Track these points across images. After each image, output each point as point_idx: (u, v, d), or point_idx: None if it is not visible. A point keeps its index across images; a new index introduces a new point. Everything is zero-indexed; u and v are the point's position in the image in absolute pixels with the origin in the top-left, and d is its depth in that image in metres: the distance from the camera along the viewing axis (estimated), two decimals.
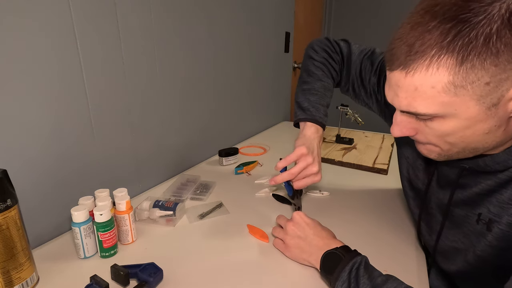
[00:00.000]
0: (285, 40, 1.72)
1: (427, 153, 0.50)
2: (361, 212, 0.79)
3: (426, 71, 0.39)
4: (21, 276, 0.50)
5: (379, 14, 2.58)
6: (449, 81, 0.38)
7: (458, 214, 0.54)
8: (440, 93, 0.39)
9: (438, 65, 0.38)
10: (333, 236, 0.60)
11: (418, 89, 0.40)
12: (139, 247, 0.65)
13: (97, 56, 0.70)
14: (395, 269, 0.51)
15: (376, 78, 0.72)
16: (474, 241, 0.51)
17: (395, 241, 0.67)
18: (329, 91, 0.77)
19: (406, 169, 0.68)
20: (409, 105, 0.42)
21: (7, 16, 0.54)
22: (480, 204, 0.49)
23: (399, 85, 0.42)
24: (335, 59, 0.79)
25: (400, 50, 0.41)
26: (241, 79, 1.33)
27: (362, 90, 0.76)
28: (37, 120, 0.61)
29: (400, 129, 0.48)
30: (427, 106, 0.41)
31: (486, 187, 0.48)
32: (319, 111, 0.74)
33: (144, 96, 0.85)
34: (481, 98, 0.38)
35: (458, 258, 0.55)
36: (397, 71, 0.42)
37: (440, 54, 0.37)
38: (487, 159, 0.47)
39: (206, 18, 1.03)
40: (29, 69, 0.58)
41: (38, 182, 0.63)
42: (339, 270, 0.50)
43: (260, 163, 1.10)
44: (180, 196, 0.83)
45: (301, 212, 0.63)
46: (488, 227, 0.48)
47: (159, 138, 0.92)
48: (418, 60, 0.39)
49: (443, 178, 0.57)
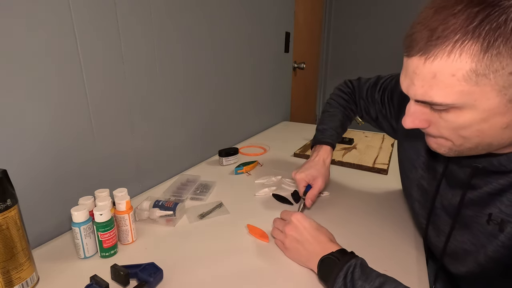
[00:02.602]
0: (285, 40, 1.72)
1: (436, 147, 0.48)
2: (361, 212, 0.79)
3: (447, 57, 0.37)
4: (21, 276, 0.50)
5: (379, 14, 2.58)
6: (471, 69, 0.36)
7: (467, 214, 0.52)
8: (460, 81, 0.37)
9: (461, 51, 0.36)
10: (331, 239, 0.58)
11: (436, 76, 0.38)
12: (139, 247, 0.65)
13: (97, 56, 0.70)
14: (395, 269, 0.51)
15: (380, 95, 0.79)
16: (485, 242, 0.49)
17: (395, 241, 0.67)
18: (334, 116, 0.88)
19: (410, 171, 0.66)
20: (425, 94, 0.40)
21: (7, 16, 0.54)
22: (491, 204, 0.48)
23: (416, 72, 0.40)
24: (345, 91, 0.91)
25: (421, 35, 0.39)
26: (241, 79, 1.33)
27: (371, 109, 0.83)
28: (37, 120, 0.61)
29: (412, 120, 0.45)
30: (445, 96, 0.39)
31: (498, 187, 0.46)
32: (323, 133, 0.87)
33: (144, 96, 0.85)
34: (503, 89, 0.36)
35: (468, 260, 0.53)
36: (415, 57, 0.40)
37: (464, 40, 0.35)
38: (502, 159, 0.45)
39: (206, 18, 1.03)
40: (29, 69, 0.58)
41: (38, 182, 0.63)
42: (334, 276, 0.49)
43: (260, 163, 1.10)
44: (180, 196, 0.83)
45: (299, 215, 0.62)
46: (500, 228, 0.46)
47: (159, 138, 0.92)
48: (440, 46, 0.37)
49: (452, 178, 0.55)
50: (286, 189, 0.91)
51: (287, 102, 1.92)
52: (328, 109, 0.91)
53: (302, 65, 2.06)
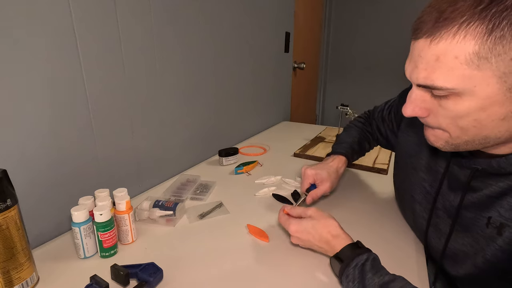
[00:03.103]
0: (285, 40, 1.72)
1: (434, 139, 0.48)
2: (361, 212, 0.79)
3: (452, 39, 0.37)
4: (21, 276, 0.50)
5: (379, 14, 2.58)
6: (474, 51, 0.36)
7: (467, 217, 0.52)
8: (462, 64, 0.37)
9: (466, 32, 0.36)
10: (336, 234, 0.58)
11: (440, 59, 0.39)
12: (139, 247, 0.65)
13: (97, 56, 0.70)
14: (395, 269, 0.51)
15: (387, 113, 0.84)
16: (483, 245, 0.49)
17: (395, 241, 0.67)
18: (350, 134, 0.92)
19: (412, 174, 0.65)
20: (427, 77, 0.41)
21: (7, 16, 0.54)
22: (490, 207, 0.48)
23: (421, 55, 0.41)
24: (362, 116, 0.98)
25: (430, 17, 0.39)
26: (241, 79, 1.33)
27: (381, 127, 0.87)
28: (37, 120, 0.61)
29: (412, 108, 0.46)
30: (446, 79, 0.39)
31: (498, 190, 0.46)
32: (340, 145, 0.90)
33: (144, 96, 0.85)
34: (504, 76, 0.37)
35: (467, 262, 0.53)
36: (422, 39, 0.40)
37: (470, 21, 0.36)
38: (501, 161, 0.45)
39: (206, 18, 1.03)
40: (29, 69, 0.58)
41: (38, 182, 0.63)
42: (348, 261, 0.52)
43: (260, 163, 1.10)
44: (180, 196, 0.83)
45: (296, 224, 0.60)
46: (498, 231, 0.46)
47: (159, 138, 0.92)
48: (446, 27, 0.37)
49: (453, 179, 0.55)
50: (286, 189, 0.91)
51: (287, 102, 1.92)
52: (345, 129, 0.97)
53: (302, 65, 2.06)
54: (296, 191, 0.89)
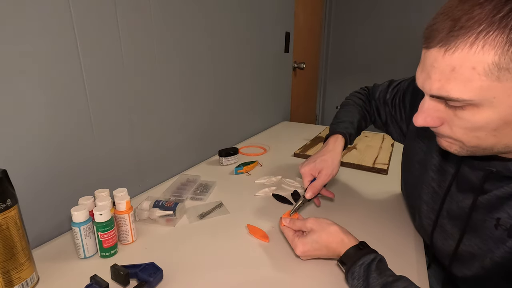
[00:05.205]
0: (285, 40, 1.72)
1: (447, 145, 0.46)
2: (361, 212, 0.79)
3: (469, 49, 0.35)
4: (21, 276, 0.50)
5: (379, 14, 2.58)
6: (493, 62, 0.34)
7: (475, 218, 0.51)
8: (481, 75, 0.35)
9: (484, 42, 0.34)
10: (340, 240, 0.56)
11: (455, 69, 0.36)
12: (139, 247, 0.65)
13: (97, 56, 0.70)
14: (395, 269, 0.51)
15: (391, 97, 0.79)
16: (492, 247, 0.48)
17: (395, 241, 0.67)
18: (349, 112, 0.86)
19: (421, 173, 0.64)
20: (441, 88, 0.38)
21: (7, 16, 0.54)
22: (499, 209, 0.46)
23: (434, 65, 0.38)
24: (362, 93, 0.91)
25: (443, 25, 0.37)
26: (241, 79, 1.33)
27: (381, 111, 0.83)
28: (37, 120, 0.61)
29: (424, 118, 0.43)
30: (463, 91, 0.36)
31: (509, 191, 0.45)
32: (337, 125, 0.84)
33: (144, 96, 0.85)
34: None
35: (474, 264, 0.52)
36: (435, 49, 0.38)
37: (488, 31, 0.33)
38: None
39: (206, 18, 1.03)
40: (29, 69, 0.58)
41: (38, 182, 0.63)
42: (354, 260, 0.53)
43: (260, 163, 1.10)
44: (180, 196, 0.83)
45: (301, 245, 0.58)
46: (509, 234, 0.45)
47: (159, 138, 0.92)
48: (462, 37, 0.35)
49: (463, 180, 0.53)
50: (286, 189, 0.91)
51: (287, 102, 1.92)
52: (344, 106, 0.89)
53: (302, 65, 2.06)
54: (296, 191, 0.89)
